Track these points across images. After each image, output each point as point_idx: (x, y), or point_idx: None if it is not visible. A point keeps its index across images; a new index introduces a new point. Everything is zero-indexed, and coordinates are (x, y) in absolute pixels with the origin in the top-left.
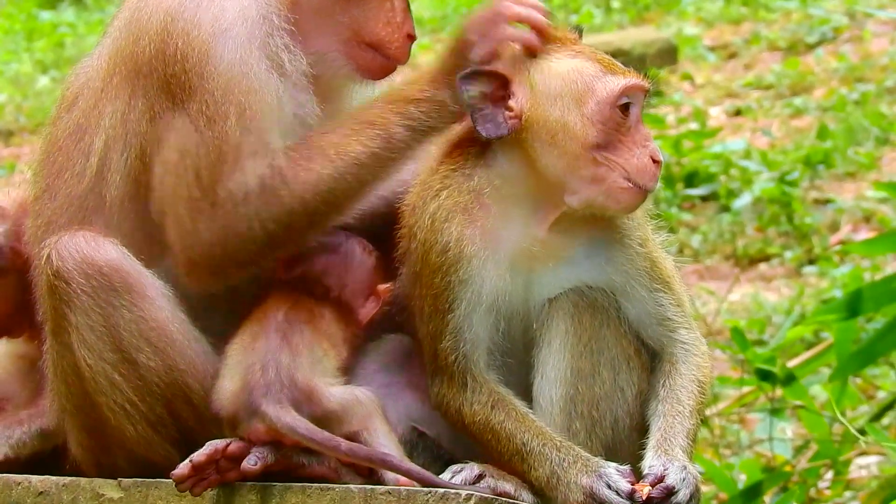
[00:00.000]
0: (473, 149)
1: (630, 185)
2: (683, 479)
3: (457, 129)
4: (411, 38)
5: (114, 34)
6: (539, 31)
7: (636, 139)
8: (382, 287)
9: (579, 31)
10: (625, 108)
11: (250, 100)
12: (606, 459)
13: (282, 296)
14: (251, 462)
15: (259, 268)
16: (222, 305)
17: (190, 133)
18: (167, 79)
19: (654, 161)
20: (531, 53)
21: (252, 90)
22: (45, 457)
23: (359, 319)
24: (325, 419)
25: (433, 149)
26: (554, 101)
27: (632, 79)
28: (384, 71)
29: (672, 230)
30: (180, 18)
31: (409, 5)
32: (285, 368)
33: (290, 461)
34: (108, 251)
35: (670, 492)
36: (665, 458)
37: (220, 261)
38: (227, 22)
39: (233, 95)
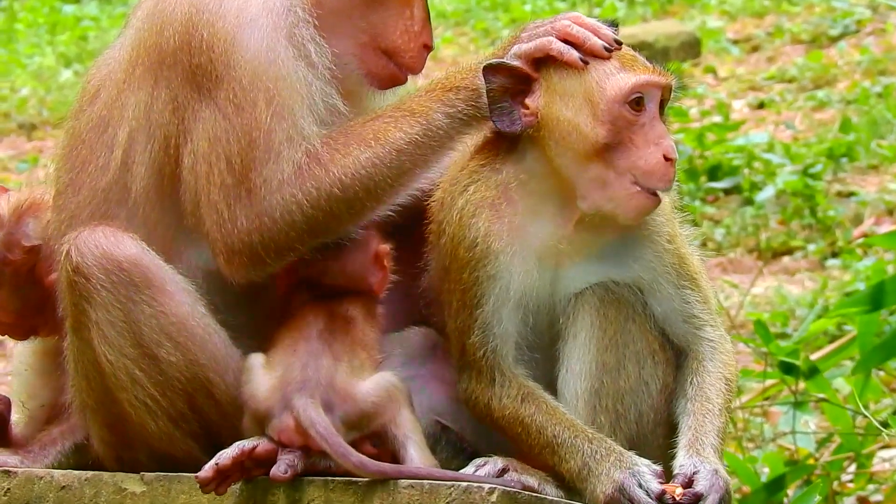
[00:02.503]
0: (504, 145)
1: (638, 189)
2: (713, 485)
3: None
4: (428, 48)
5: (136, 25)
6: (592, 53)
7: (649, 137)
8: (382, 248)
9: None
10: (637, 105)
11: (279, 86)
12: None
13: (317, 307)
14: (281, 469)
15: (299, 256)
16: (243, 299)
17: (218, 121)
18: (192, 69)
19: (668, 159)
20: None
21: (280, 77)
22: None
23: (376, 293)
24: (357, 420)
25: (471, 141)
26: (567, 100)
27: (643, 75)
28: (395, 80)
29: (695, 223)
30: (205, 9)
31: (428, 15)
32: (325, 370)
33: (318, 467)
34: (128, 246)
35: (699, 498)
36: (697, 460)
37: (260, 248)
38: (252, 12)
39: (261, 82)
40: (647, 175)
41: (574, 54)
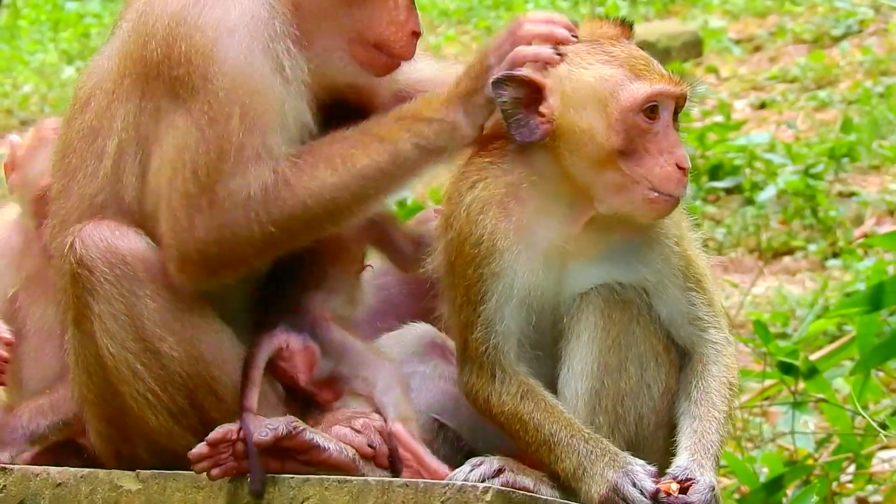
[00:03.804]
0: (514, 143)
1: (656, 194)
2: (706, 502)
3: (496, 123)
4: (416, 34)
5: (122, 36)
6: (561, 43)
7: (663, 146)
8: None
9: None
10: (651, 113)
11: (254, 101)
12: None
13: None
14: (262, 434)
15: (251, 269)
16: (240, 298)
17: (190, 130)
18: (172, 81)
19: (681, 168)
20: (556, 65)
21: (256, 92)
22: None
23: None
24: None
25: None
26: (581, 109)
27: (658, 85)
28: (389, 68)
29: (697, 223)
30: (184, 23)
31: (412, 2)
32: None
33: (304, 438)
34: (132, 240)
35: None
36: (697, 469)
37: (215, 259)
38: (230, 24)
39: (236, 96)
40: (664, 182)
41: (551, 54)
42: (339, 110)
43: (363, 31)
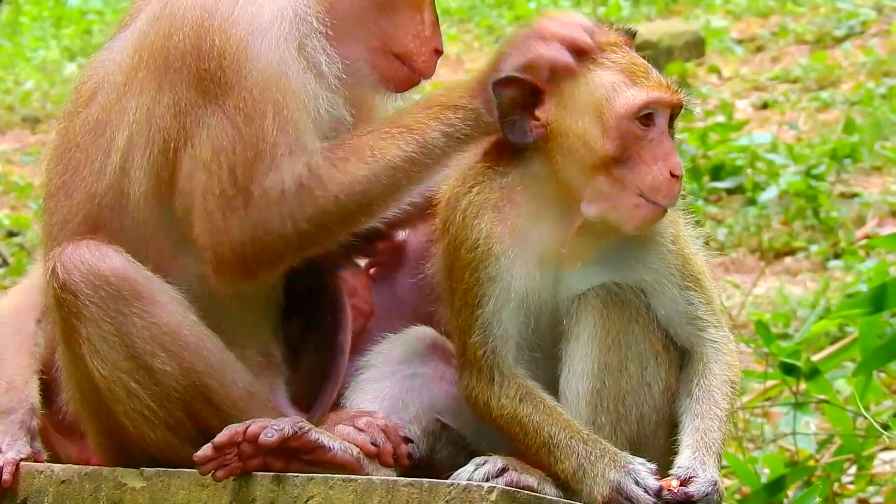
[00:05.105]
0: (511, 148)
1: (643, 201)
2: (706, 495)
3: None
4: (438, 52)
5: (140, 28)
6: (580, 51)
7: (657, 153)
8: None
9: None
10: (646, 121)
11: (287, 99)
12: (631, 455)
13: None
14: (268, 435)
15: (287, 267)
16: (237, 304)
17: (226, 130)
18: (200, 74)
19: (674, 175)
20: (568, 72)
21: (289, 89)
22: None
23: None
24: None
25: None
26: (576, 114)
27: (654, 93)
28: (408, 83)
29: (698, 223)
30: (217, 15)
31: (437, 20)
32: None
33: (309, 438)
34: (114, 260)
35: (690, 499)
36: (699, 466)
37: (251, 259)
38: (265, 20)
39: (270, 93)
40: (653, 190)
41: (566, 59)
42: None
43: (388, 41)
